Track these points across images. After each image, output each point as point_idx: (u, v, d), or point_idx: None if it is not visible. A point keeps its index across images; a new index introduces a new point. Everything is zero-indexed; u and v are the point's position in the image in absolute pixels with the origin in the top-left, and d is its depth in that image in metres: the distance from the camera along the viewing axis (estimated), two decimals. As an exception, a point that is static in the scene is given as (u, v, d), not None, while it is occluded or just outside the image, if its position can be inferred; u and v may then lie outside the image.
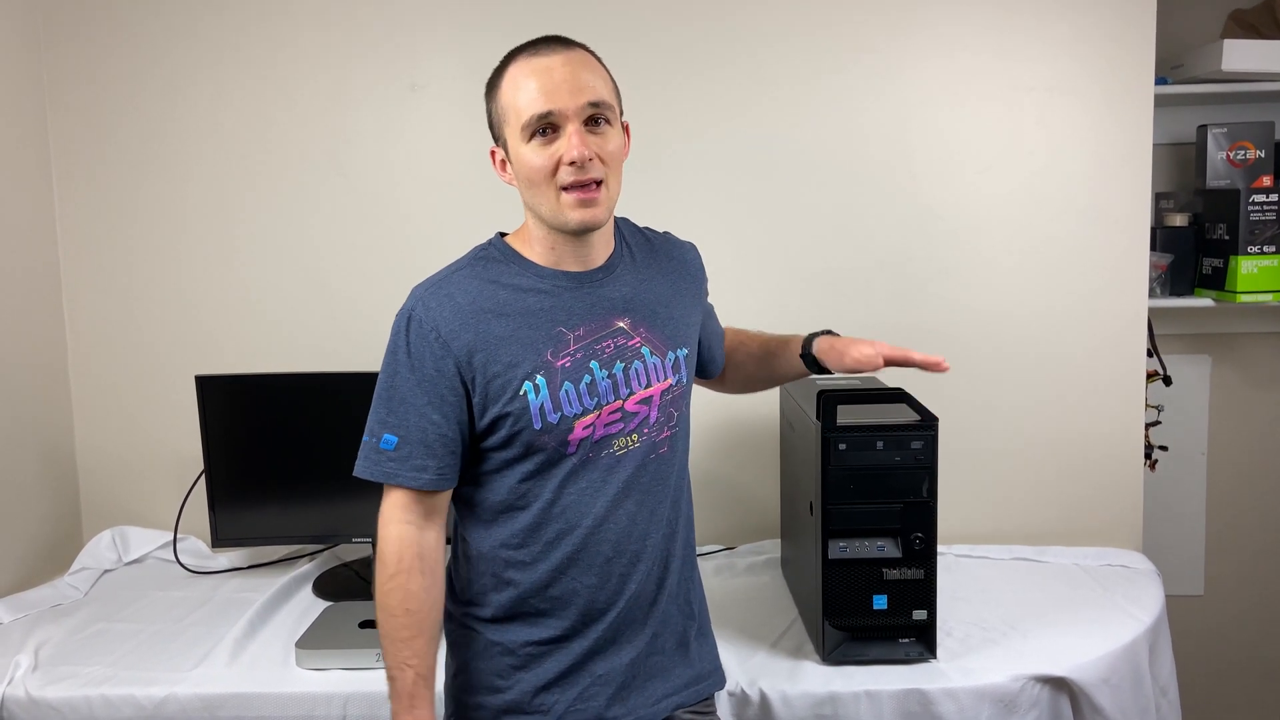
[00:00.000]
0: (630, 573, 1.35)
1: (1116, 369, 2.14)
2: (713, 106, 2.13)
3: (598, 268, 1.36)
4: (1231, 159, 2.28)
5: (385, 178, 2.17)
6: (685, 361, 1.40)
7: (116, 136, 2.18)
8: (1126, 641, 1.70)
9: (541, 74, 1.26)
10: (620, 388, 1.33)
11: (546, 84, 1.26)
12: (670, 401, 1.37)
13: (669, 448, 1.38)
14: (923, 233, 2.14)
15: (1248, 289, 2.21)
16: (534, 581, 1.33)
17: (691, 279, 1.48)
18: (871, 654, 1.63)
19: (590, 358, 1.32)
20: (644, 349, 1.35)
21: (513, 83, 1.29)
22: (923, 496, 1.62)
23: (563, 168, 1.26)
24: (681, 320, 1.41)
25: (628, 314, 1.36)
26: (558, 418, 1.29)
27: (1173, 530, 2.53)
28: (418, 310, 1.30)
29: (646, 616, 1.38)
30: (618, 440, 1.33)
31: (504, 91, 1.30)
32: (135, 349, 2.22)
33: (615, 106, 1.32)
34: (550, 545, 1.33)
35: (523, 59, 1.29)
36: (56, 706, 1.60)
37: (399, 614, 1.29)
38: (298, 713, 1.60)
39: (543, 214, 1.30)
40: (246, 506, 2.06)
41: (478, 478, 1.35)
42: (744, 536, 2.21)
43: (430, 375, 1.29)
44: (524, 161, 1.28)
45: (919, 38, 2.10)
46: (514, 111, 1.28)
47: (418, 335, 1.29)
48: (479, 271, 1.34)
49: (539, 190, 1.29)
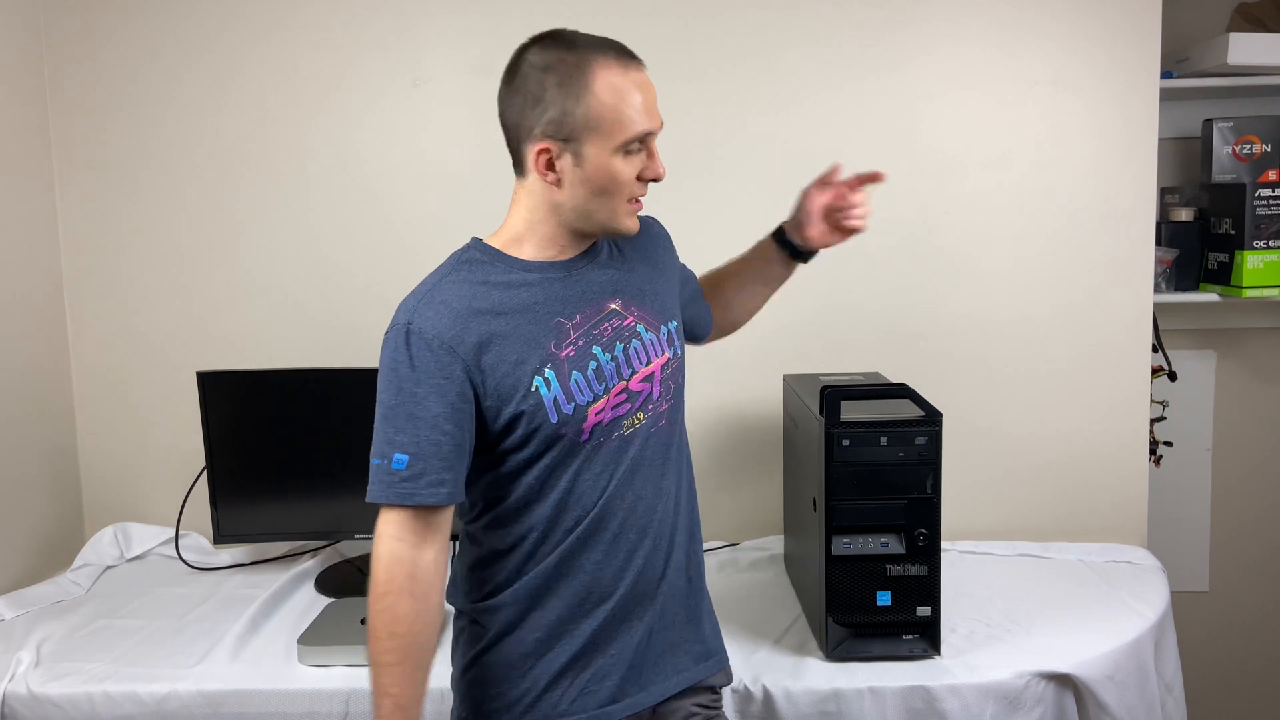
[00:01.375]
0: (637, 547, 1.35)
1: (1121, 364, 2.14)
2: (715, 104, 2.12)
3: (579, 254, 1.36)
4: (1237, 153, 2.26)
5: (387, 173, 2.17)
6: (676, 333, 1.42)
7: (117, 133, 2.17)
8: (1132, 638, 1.70)
9: (645, 90, 1.29)
10: (623, 368, 1.33)
11: (650, 101, 1.29)
12: (670, 375, 1.39)
13: (667, 420, 1.39)
14: (928, 228, 2.13)
15: (1253, 284, 2.20)
16: (545, 566, 1.33)
17: (664, 250, 1.50)
18: (875, 650, 1.63)
19: (592, 343, 1.32)
20: (639, 326, 1.36)
21: (613, 91, 1.25)
22: (927, 492, 1.61)
23: (641, 184, 1.32)
24: (665, 294, 1.44)
25: (618, 295, 1.36)
26: (572, 408, 1.29)
27: (1177, 526, 2.52)
28: (415, 322, 1.26)
29: (655, 591, 1.37)
30: (626, 420, 1.33)
31: (600, 96, 1.25)
32: (137, 345, 2.22)
33: None
34: (567, 532, 1.32)
35: (616, 67, 1.27)
36: (58, 703, 1.60)
37: (383, 637, 1.24)
38: (300, 709, 1.60)
39: (595, 218, 1.31)
40: (248, 503, 2.05)
41: (496, 482, 1.32)
42: (747, 533, 2.20)
43: (440, 384, 1.25)
44: (610, 171, 1.28)
45: (923, 32, 2.09)
46: (616, 121, 1.26)
47: (420, 346, 1.25)
48: (465, 275, 1.31)
49: (609, 198, 1.30)
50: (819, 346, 2.15)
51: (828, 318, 2.16)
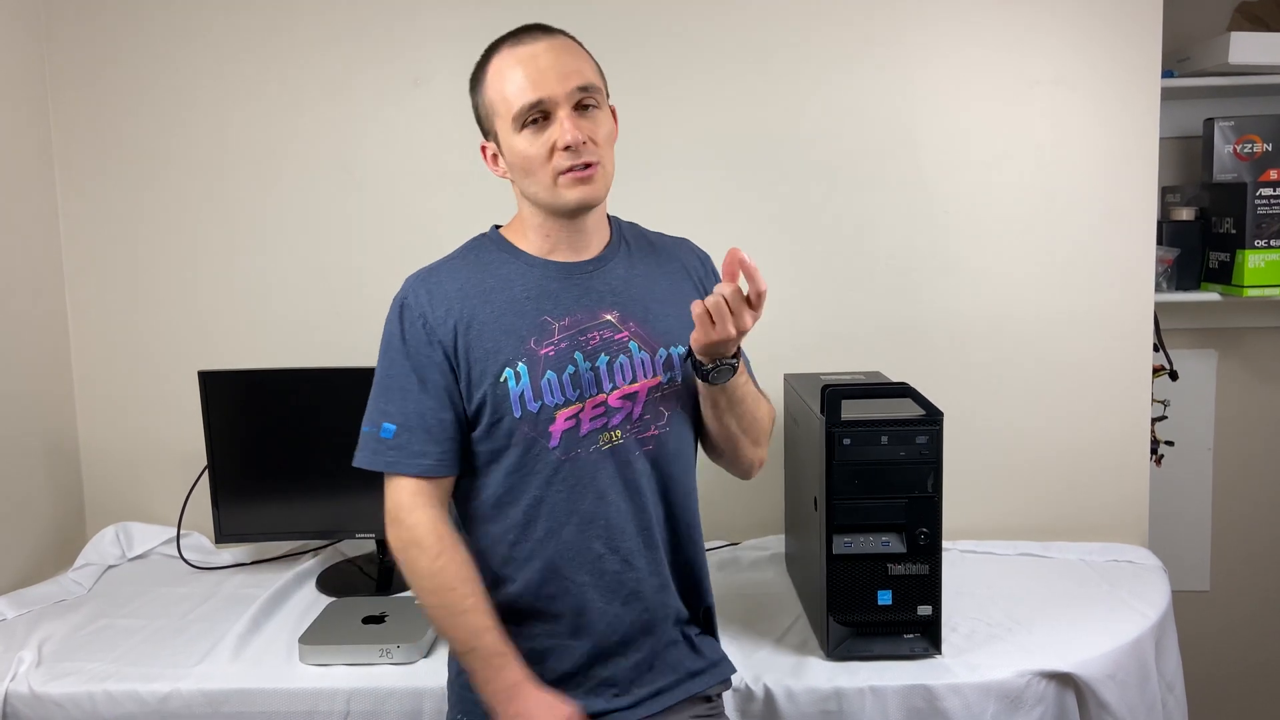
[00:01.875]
0: (624, 571, 1.34)
1: (1122, 364, 2.13)
2: (717, 103, 2.11)
3: (590, 259, 1.36)
4: (1238, 152, 2.26)
5: (388, 172, 2.17)
6: (679, 359, 1.38)
7: (119, 132, 2.17)
8: (1133, 637, 1.70)
9: (527, 62, 1.26)
10: (604, 381, 1.32)
11: (533, 72, 1.26)
12: (659, 399, 1.35)
13: (656, 446, 1.36)
14: (928, 226, 2.13)
15: (1254, 283, 2.20)
16: (528, 580, 1.33)
17: (693, 279, 1.45)
18: (876, 650, 1.63)
19: (575, 348, 1.31)
20: (631, 344, 1.34)
21: (498, 74, 1.29)
22: (928, 492, 1.61)
23: (557, 154, 1.26)
24: (678, 319, 1.38)
25: (616, 307, 1.35)
26: (538, 406, 1.29)
27: (1178, 526, 2.52)
28: (409, 298, 1.32)
29: (647, 616, 1.36)
30: (602, 435, 1.32)
31: (490, 84, 1.30)
32: (138, 344, 2.22)
33: (602, 89, 1.32)
34: (541, 542, 1.32)
35: (505, 50, 1.29)
36: (60, 702, 1.60)
37: (457, 585, 1.29)
38: (301, 708, 1.60)
39: (540, 200, 1.30)
40: (250, 502, 2.06)
41: (472, 472, 1.35)
42: (748, 532, 2.20)
43: (425, 359, 1.30)
44: (518, 151, 1.28)
45: (925, 32, 2.09)
46: (503, 103, 1.28)
47: (409, 322, 1.31)
48: (471, 259, 1.36)
49: (534, 177, 1.29)
50: (819, 345, 2.15)
51: (828, 316, 2.16)
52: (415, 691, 1.58)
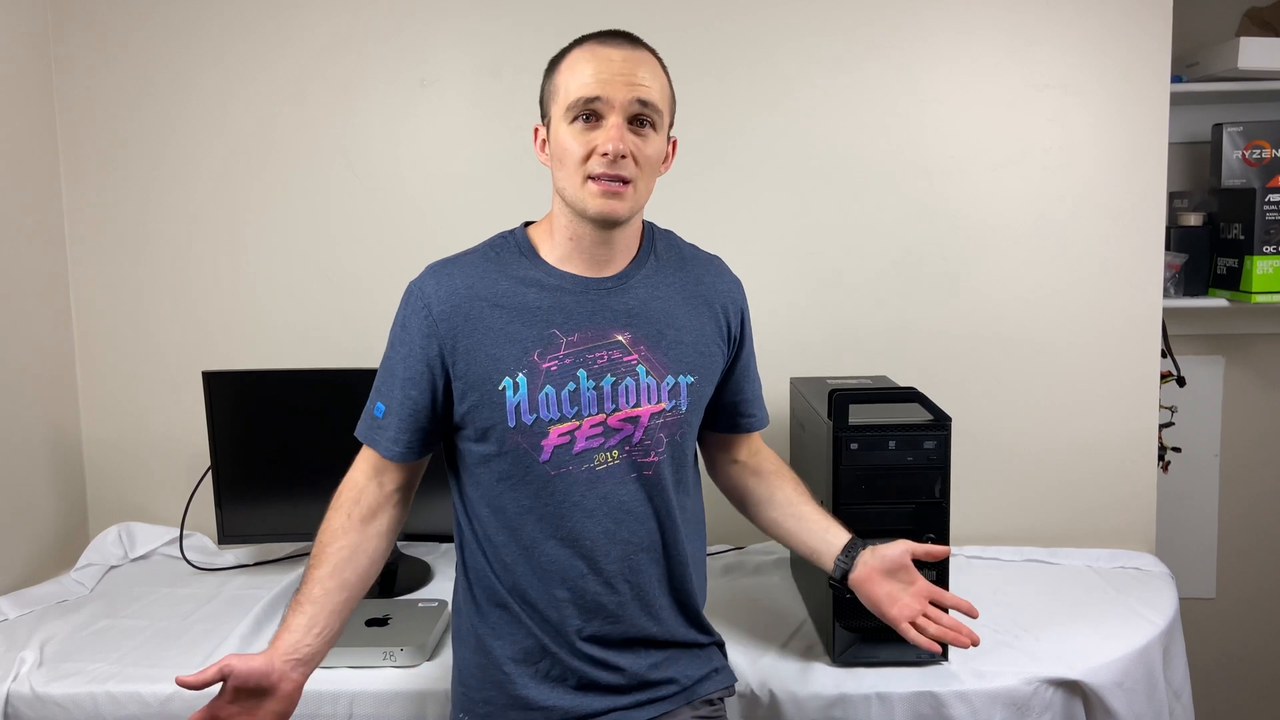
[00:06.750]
0: (604, 594, 1.33)
1: (1130, 370, 2.13)
2: (726, 107, 2.11)
3: (610, 276, 1.34)
4: (1247, 158, 2.26)
5: (394, 173, 2.16)
6: (689, 390, 1.35)
7: (124, 131, 2.17)
8: (1140, 644, 1.69)
9: (601, 61, 1.26)
10: (605, 401, 1.30)
11: (602, 71, 1.25)
12: (661, 426, 1.33)
13: (655, 472, 1.34)
14: (936, 231, 2.12)
15: (1263, 289, 2.19)
16: (513, 584, 1.33)
17: (720, 313, 1.41)
18: (883, 655, 1.62)
19: (579, 366, 1.30)
20: (640, 367, 1.32)
21: (571, 64, 1.28)
22: (935, 497, 1.60)
23: (595, 157, 1.25)
24: (693, 347, 1.36)
25: (629, 329, 1.33)
26: (532, 419, 1.29)
27: (1185, 532, 2.51)
28: (421, 287, 1.33)
29: (638, 634, 1.36)
30: (598, 455, 1.31)
31: (561, 70, 1.30)
32: (142, 345, 2.22)
33: (665, 115, 1.31)
34: (526, 550, 1.32)
35: (589, 44, 1.29)
36: (61, 703, 1.59)
37: (328, 544, 1.33)
38: (303, 710, 1.57)
39: (567, 195, 1.29)
40: (253, 503, 2.05)
41: (466, 470, 1.36)
42: (753, 536, 2.19)
43: (419, 349, 1.31)
44: (560, 141, 1.28)
45: (933, 36, 2.09)
46: (564, 90, 1.28)
47: (413, 310, 1.32)
48: (490, 258, 1.34)
49: (567, 171, 1.28)
50: (826, 349, 2.15)
51: (835, 320, 2.15)
52: (418, 695, 1.57)
